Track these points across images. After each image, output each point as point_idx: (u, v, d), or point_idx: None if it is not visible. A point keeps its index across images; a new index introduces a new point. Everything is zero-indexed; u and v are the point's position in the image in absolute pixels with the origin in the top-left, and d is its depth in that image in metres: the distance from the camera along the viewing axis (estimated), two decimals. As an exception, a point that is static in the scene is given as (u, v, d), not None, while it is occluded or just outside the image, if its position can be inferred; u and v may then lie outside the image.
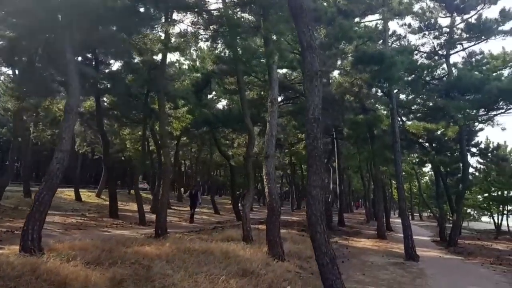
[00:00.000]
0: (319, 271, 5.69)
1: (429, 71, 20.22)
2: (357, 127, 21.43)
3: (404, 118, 23.40)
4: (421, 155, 25.13)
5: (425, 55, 21.65)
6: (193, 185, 35.80)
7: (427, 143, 23.07)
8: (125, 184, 50.00)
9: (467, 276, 11.25)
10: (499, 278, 10.96)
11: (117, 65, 27.80)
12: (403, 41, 21.54)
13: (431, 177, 40.80)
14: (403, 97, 22.46)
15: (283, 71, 22.37)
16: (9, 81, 19.06)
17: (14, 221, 14.57)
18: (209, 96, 27.72)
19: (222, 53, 16.39)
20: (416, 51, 21.16)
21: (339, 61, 19.69)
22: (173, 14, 13.52)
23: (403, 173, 42.84)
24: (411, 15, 19.33)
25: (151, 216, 19.57)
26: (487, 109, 17.90)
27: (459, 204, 20.24)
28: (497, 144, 27.85)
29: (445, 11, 20.03)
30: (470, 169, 26.02)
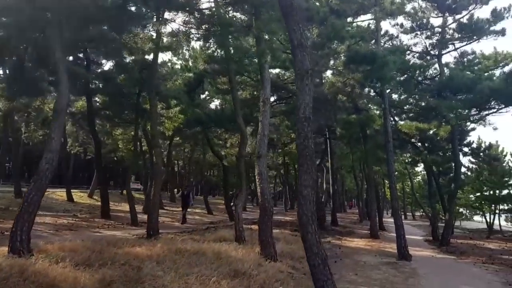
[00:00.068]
0: (310, 272, 5.65)
1: (421, 71, 20.26)
2: (350, 127, 21.44)
3: (396, 118, 23.45)
4: (414, 155, 25.19)
5: (417, 55, 21.76)
6: (185, 186, 35.67)
7: (419, 143, 23.13)
8: (117, 184, 49.83)
9: (460, 275, 11.26)
10: (491, 277, 10.98)
11: (109, 65, 27.74)
12: (395, 41, 21.64)
13: (424, 177, 40.99)
14: (396, 97, 22.52)
15: (276, 71, 22.36)
16: (-1, 81, 18.86)
17: (4, 222, 14.39)
18: (202, 96, 27.63)
19: (214, 53, 16.31)
20: (408, 51, 21.24)
21: (331, 61, 19.67)
22: (164, 13, 13.42)
23: (396, 172, 43.04)
24: (403, 15, 19.38)
25: (143, 216, 19.46)
26: (479, 109, 17.93)
27: (452, 203, 20.31)
28: (489, 143, 28.13)
29: (437, 11, 20.12)
30: (462, 169, 26.16)
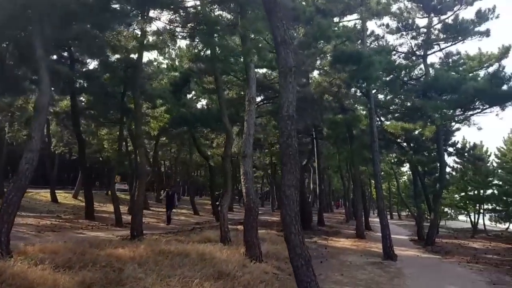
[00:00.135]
0: (293, 273, 5.57)
1: (407, 71, 20.33)
2: (336, 127, 21.46)
3: (382, 118, 23.50)
4: (399, 155, 25.31)
5: (403, 55, 21.85)
6: (170, 186, 35.34)
7: (405, 143, 23.24)
8: (103, 185, 49.26)
9: (444, 275, 11.29)
10: (476, 277, 11.03)
11: (94, 64, 27.41)
12: (381, 41, 21.73)
13: (409, 177, 41.26)
14: (382, 97, 22.58)
15: (263, 71, 22.32)
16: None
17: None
18: (189, 95, 27.45)
19: (200, 52, 16.18)
20: (394, 51, 21.30)
21: (318, 61, 19.65)
22: (149, 11, 13.25)
23: (382, 172, 43.39)
24: (389, 15, 19.40)
25: (128, 217, 19.23)
26: (463, 109, 18.04)
27: (437, 203, 20.44)
28: (473, 144, 28.30)
29: (422, 11, 20.24)
30: (447, 169, 26.35)
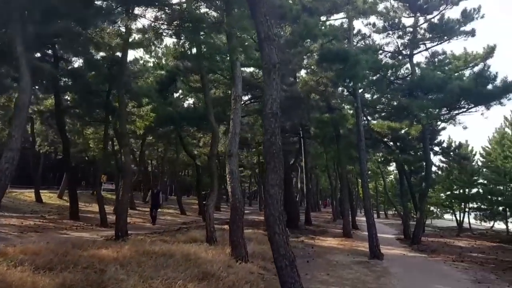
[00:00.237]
0: (277, 274, 5.47)
1: (393, 71, 20.37)
2: (323, 126, 21.46)
3: (369, 117, 23.57)
4: (386, 154, 25.41)
5: (389, 54, 21.90)
6: (155, 184, 35.03)
7: (391, 142, 23.34)
8: (89, 184, 48.70)
9: (430, 274, 11.32)
10: (461, 275, 11.08)
11: (79, 62, 27.09)
12: (367, 40, 21.75)
13: (396, 176, 41.49)
14: (368, 96, 22.63)
15: (250, 70, 22.22)
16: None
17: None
18: (176, 94, 27.31)
19: (186, 50, 16.02)
20: (380, 51, 21.37)
21: (305, 60, 19.61)
22: (134, 8, 13.03)
23: (369, 172, 43.62)
24: (375, 15, 19.42)
25: (114, 217, 19.02)
26: (449, 108, 18.16)
27: (423, 202, 20.56)
28: (458, 143, 28.56)
29: (408, 11, 20.33)
30: (433, 168, 26.52)
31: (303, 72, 22.59)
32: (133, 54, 41.17)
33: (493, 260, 14.64)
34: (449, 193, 32.18)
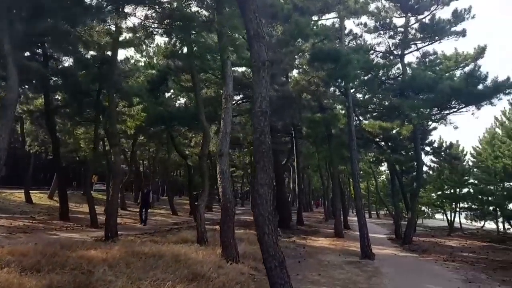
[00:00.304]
0: (267, 275, 5.39)
1: (384, 71, 20.43)
2: (315, 126, 21.45)
3: (361, 117, 23.59)
4: (378, 154, 25.45)
5: (381, 54, 21.93)
6: (145, 184, 34.77)
7: (383, 142, 23.38)
8: (80, 185, 48.31)
9: (421, 273, 11.32)
10: (452, 275, 11.08)
11: (70, 61, 26.87)
12: (359, 40, 21.74)
13: (388, 176, 41.61)
14: (360, 96, 22.65)
15: (242, 69, 22.15)
16: None
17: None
18: (167, 94, 27.13)
19: (177, 49, 15.90)
20: (372, 51, 21.39)
21: (297, 60, 19.57)
22: (124, 6, 12.89)
23: (361, 172, 43.74)
24: (367, 15, 19.45)
25: (105, 218, 18.86)
26: (440, 108, 18.22)
27: (414, 202, 20.60)
28: (449, 143, 28.75)
29: (400, 11, 20.35)
30: (424, 168, 26.66)
31: (295, 72, 22.59)
32: (124, 53, 40.98)
33: (484, 259, 14.71)
34: (440, 193, 32.38)
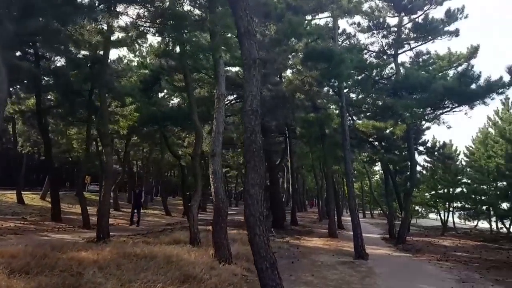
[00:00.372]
0: (258, 276, 5.31)
1: (378, 70, 20.42)
2: (309, 126, 21.41)
3: (354, 117, 23.59)
4: (371, 154, 25.43)
5: (374, 54, 21.90)
6: (137, 184, 34.59)
7: (376, 142, 23.37)
8: (73, 186, 48.05)
9: (415, 273, 11.29)
10: (445, 275, 11.06)
11: (62, 61, 26.71)
12: (352, 40, 21.72)
13: (382, 176, 41.70)
14: (354, 96, 22.64)
15: (236, 69, 22.06)
16: None
17: None
18: (161, 94, 27.00)
19: (169, 48, 15.78)
20: (365, 50, 21.37)
21: (290, 60, 19.51)
22: (116, 5, 12.75)
23: (355, 171, 43.80)
24: (360, 14, 19.41)
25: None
26: (433, 108, 18.22)
27: (408, 201, 20.61)
28: (443, 142, 28.81)
29: (393, 10, 20.34)
30: (417, 168, 26.69)
31: (288, 71, 22.53)
32: (116, 53, 40.76)
33: (477, 259, 14.73)
34: (433, 192, 32.47)
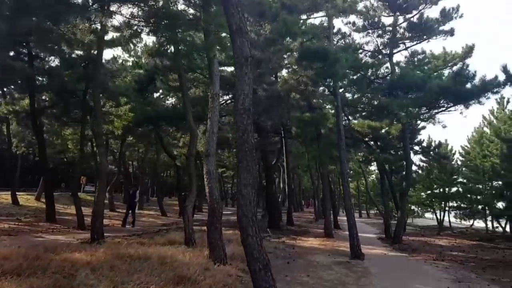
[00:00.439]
0: (251, 278, 5.24)
1: (373, 70, 20.38)
2: (305, 126, 21.34)
3: (350, 116, 23.58)
4: (367, 154, 25.44)
5: (369, 53, 21.88)
6: (132, 185, 34.40)
7: (372, 142, 23.35)
8: (69, 186, 47.85)
9: (411, 273, 11.25)
10: (441, 274, 11.02)
11: (56, 61, 26.58)
12: (347, 39, 21.72)
13: (378, 175, 41.75)
14: (349, 95, 22.63)
15: (231, 69, 21.98)
16: None
17: None
18: (156, 94, 26.90)
19: (163, 48, 15.69)
20: (360, 50, 21.36)
21: (285, 59, 19.45)
22: (110, 4, 12.64)
23: (351, 171, 43.79)
24: (355, 13, 19.38)
25: (92, 219, 18.62)
26: (428, 107, 18.19)
27: (403, 201, 20.58)
28: (438, 142, 28.85)
29: (388, 10, 20.35)
30: (413, 167, 26.74)
31: (283, 71, 22.46)
32: (110, 52, 40.61)
33: (473, 258, 14.71)
34: (429, 192, 32.51)
